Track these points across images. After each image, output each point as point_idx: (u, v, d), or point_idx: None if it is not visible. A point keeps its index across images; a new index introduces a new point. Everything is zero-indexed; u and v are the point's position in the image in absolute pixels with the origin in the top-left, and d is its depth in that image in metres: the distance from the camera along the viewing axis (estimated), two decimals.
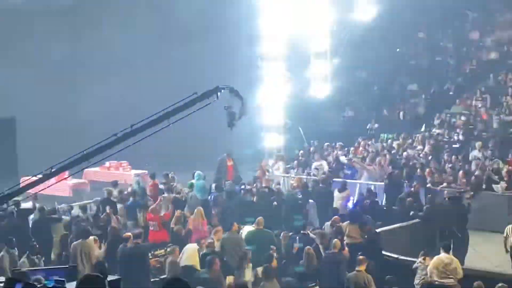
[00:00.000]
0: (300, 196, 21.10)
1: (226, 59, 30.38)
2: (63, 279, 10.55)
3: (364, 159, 25.87)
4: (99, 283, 5.35)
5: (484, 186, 21.95)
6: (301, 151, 28.03)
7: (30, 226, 18.35)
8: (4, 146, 27.63)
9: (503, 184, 22.17)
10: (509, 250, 17.28)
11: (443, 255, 15.51)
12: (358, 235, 17.39)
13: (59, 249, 17.16)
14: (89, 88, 28.76)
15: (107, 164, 25.91)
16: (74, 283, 11.14)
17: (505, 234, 17.29)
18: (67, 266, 14.10)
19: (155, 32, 30.80)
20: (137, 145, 14.13)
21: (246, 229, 17.28)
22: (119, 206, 19.57)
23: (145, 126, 14.21)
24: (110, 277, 11.72)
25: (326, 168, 24.42)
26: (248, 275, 15.34)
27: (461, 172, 23.43)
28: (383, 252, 16.97)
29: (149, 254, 16.56)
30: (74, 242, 15.90)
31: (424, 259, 15.81)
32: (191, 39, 30.42)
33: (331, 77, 32.52)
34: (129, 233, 16.43)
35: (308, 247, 15.63)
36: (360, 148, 28.10)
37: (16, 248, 15.93)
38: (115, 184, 21.85)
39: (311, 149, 28.18)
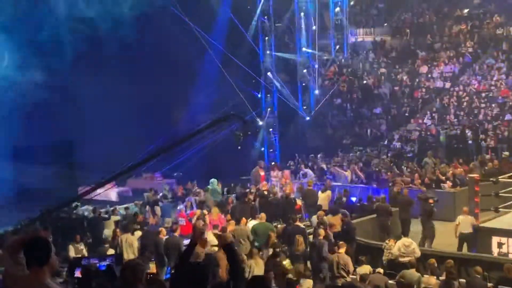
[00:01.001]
0: (293, 196, 21.13)
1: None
2: (112, 263, 10.61)
3: (342, 166, 25.90)
4: (138, 268, 5.35)
5: (434, 185, 21.94)
6: (292, 162, 28.05)
7: (86, 224, 18.41)
8: (65, 163, 27.60)
9: (448, 183, 22.18)
10: (457, 235, 17.22)
11: (404, 239, 15.53)
12: (338, 225, 17.38)
13: (110, 240, 17.18)
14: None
15: (144, 175, 25.98)
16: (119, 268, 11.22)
17: (456, 222, 17.18)
18: (115, 253, 14.15)
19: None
20: (168, 159, 14.19)
21: (252, 222, 17.34)
22: (156, 207, 19.62)
23: (174, 145, 14.30)
24: None
25: (310, 174, 24.39)
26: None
27: (416, 174, 23.43)
28: (357, 238, 16.94)
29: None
30: (120, 235, 15.94)
31: (389, 241, 15.83)
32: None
33: (314, 103, 32.65)
34: (163, 228, 16.47)
35: (298, 235, 15.59)
36: (338, 158, 28.14)
37: (82, 242, 15.93)
38: (151, 190, 21.92)
39: (299, 160, 28.21)
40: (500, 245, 16.33)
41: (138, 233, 16.27)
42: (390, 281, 13.34)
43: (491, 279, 13.37)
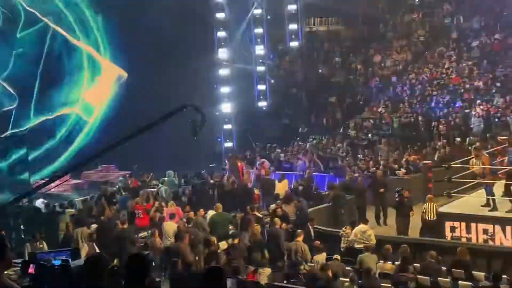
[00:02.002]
0: (250, 186, 21.13)
1: (193, 80, 30.35)
2: (68, 258, 10.43)
3: (298, 155, 26.05)
4: (100, 260, 5.25)
5: (388, 173, 22.18)
6: (249, 152, 28.03)
7: (40, 219, 18.02)
8: (18, 156, 27.09)
9: (402, 170, 22.45)
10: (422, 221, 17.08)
11: (360, 226, 15.66)
12: (293, 213, 17.43)
13: (65, 235, 16.87)
14: None
15: (99, 167, 25.63)
16: (76, 262, 11.04)
17: (423, 210, 16.95)
18: (71, 248, 13.93)
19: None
20: (124, 151, 13.98)
21: (210, 213, 17.28)
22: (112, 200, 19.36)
23: (128, 138, 14.09)
24: None
25: (267, 164, 24.37)
26: None
27: (371, 162, 23.68)
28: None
29: (136, 235, 16.56)
30: (76, 229, 15.70)
31: (346, 228, 15.95)
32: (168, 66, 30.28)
33: (270, 93, 32.68)
34: (118, 221, 16.28)
35: (255, 224, 15.58)
36: (295, 147, 28.26)
37: (42, 240, 15.51)
38: (106, 182, 21.64)
39: (257, 149, 28.21)
40: (453, 229, 16.62)
41: (94, 227, 16.05)
42: (347, 268, 13.46)
43: (445, 263, 13.63)
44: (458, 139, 25.97)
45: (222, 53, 29.59)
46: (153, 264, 14.91)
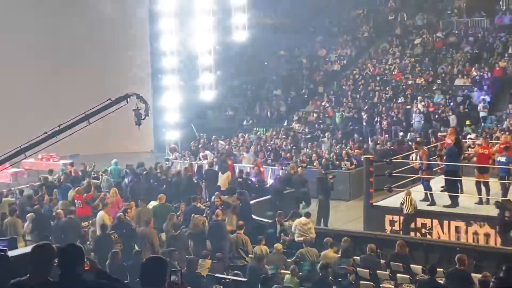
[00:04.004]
0: (195, 177, 21.02)
1: (137, 70, 30.09)
2: (5, 248, 10.18)
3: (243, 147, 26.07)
4: (47, 249, 5.15)
5: (331, 166, 22.39)
6: (193, 142, 27.87)
7: None
8: None
9: (347, 162, 22.70)
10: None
11: (302, 218, 15.75)
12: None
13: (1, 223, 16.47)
14: None
15: (40, 156, 25.02)
16: (14, 251, 10.83)
17: (402, 201, 16.61)
18: (8, 237, 13.63)
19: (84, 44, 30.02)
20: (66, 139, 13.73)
21: (153, 203, 17.13)
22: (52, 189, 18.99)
23: (70, 125, 13.83)
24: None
25: (211, 156, 24.30)
26: None
27: (314, 155, 23.89)
28: (255, 217, 16.98)
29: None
30: (6, 219, 15.41)
31: (286, 221, 16.00)
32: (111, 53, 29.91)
33: (215, 85, 32.55)
34: (60, 210, 15.98)
35: (197, 215, 15.51)
36: (241, 139, 28.29)
37: None
38: (51, 171, 21.21)
39: (202, 141, 28.07)
40: (392, 223, 16.90)
41: (31, 216, 15.73)
42: (288, 260, 13.55)
43: (384, 256, 13.87)
44: (401, 133, 26.52)
45: (167, 43, 29.24)
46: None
